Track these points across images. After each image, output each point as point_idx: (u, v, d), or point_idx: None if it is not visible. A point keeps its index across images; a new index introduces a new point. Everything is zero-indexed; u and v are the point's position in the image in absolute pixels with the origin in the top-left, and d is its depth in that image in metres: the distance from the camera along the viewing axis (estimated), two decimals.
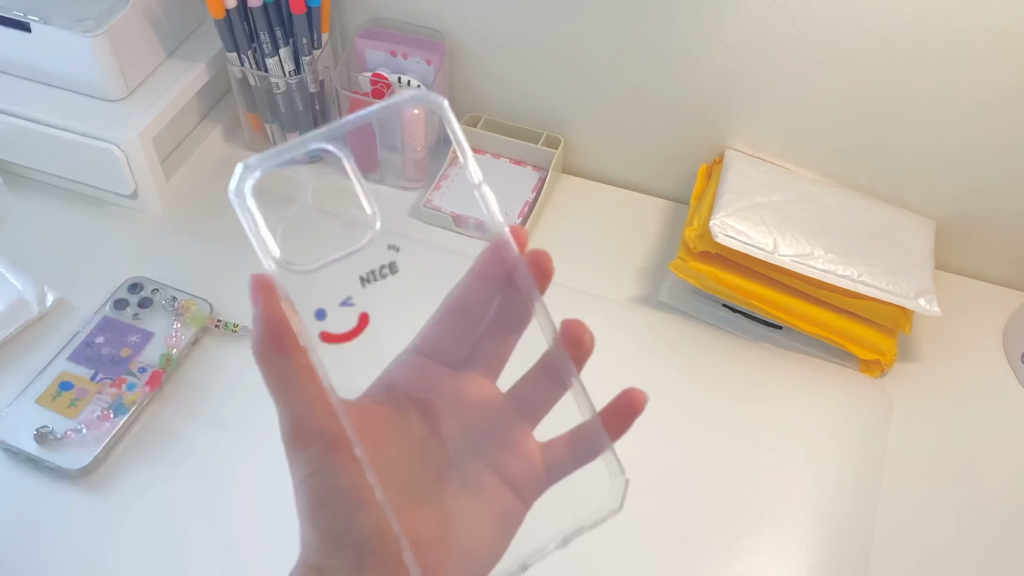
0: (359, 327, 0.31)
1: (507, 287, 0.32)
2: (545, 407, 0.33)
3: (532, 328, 0.33)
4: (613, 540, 0.62)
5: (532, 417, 0.33)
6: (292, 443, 0.30)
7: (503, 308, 0.32)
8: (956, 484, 0.67)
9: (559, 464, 0.32)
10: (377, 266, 0.31)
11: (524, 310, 0.32)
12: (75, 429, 0.63)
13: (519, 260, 0.31)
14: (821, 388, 0.72)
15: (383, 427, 0.31)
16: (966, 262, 0.81)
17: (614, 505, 0.31)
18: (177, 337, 0.69)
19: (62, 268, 0.75)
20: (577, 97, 0.84)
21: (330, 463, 0.29)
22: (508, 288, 0.32)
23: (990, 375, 0.74)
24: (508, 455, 0.32)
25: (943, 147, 0.74)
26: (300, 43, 0.78)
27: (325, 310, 0.30)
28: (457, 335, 0.33)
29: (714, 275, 0.72)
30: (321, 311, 0.30)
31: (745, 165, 0.79)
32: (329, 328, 0.30)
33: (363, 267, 0.31)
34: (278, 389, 0.30)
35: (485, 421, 0.32)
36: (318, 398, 0.29)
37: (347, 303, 0.31)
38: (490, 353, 0.33)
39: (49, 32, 0.72)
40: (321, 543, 0.29)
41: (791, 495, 0.65)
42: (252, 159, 0.30)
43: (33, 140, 0.77)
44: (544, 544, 0.31)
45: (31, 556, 0.59)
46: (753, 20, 0.71)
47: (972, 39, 0.66)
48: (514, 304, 0.32)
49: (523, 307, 0.32)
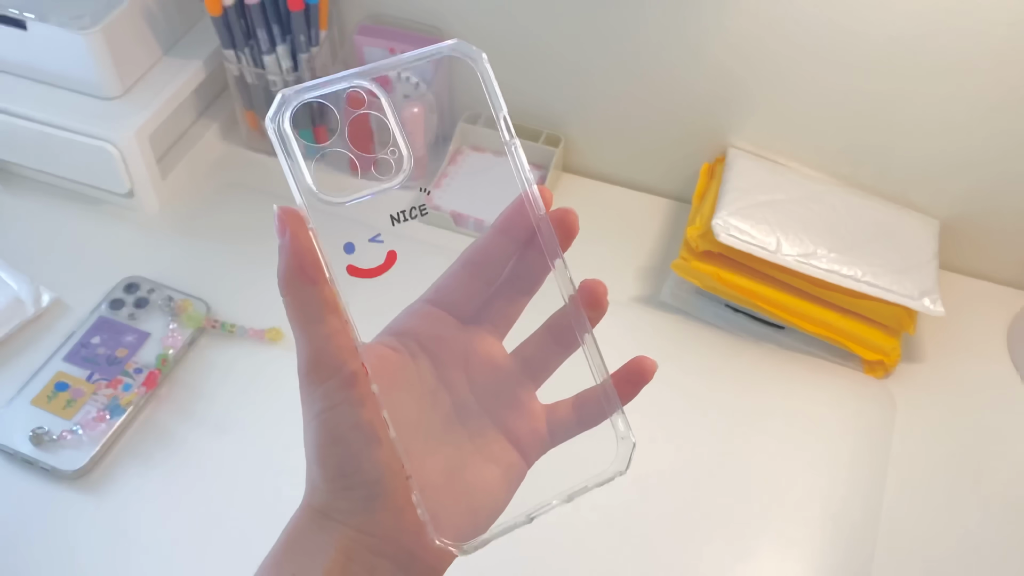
0: (386, 264, 0.31)
1: (526, 246, 0.32)
2: (550, 368, 0.33)
3: (541, 293, 0.33)
4: (615, 540, 0.61)
5: (536, 378, 0.33)
6: (309, 376, 0.29)
7: (519, 268, 0.32)
8: (960, 485, 0.66)
9: (563, 427, 0.33)
10: (408, 207, 0.31)
11: (539, 272, 0.32)
12: (71, 430, 0.63)
13: (543, 217, 0.31)
14: (824, 389, 0.71)
15: (395, 372, 0.31)
16: (970, 262, 0.81)
17: (620, 467, 0.32)
18: (173, 337, 0.69)
19: (58, 268, 0.75)
20: (578, 95, 0.83)
21: (347, 397, 0.29)
22: (527, 247, 0.32)
23: (995, 375, 0.74)
24: (513, 413, 0.32)
25: (948, 146, 0.73)
26: (297, 40, 0.78)
27: (354, 244, 0.30)
28: (472, 289, 0.33)
29: (716, 275, 0.72)
30: (350, 245, 0.30)
31: (748, 164, 0.78)
32: (356, 262, 0.30)
33: (394, 206, 0.31)
34: (300, 320, 0.29)
35: (492, 378, 0.33)
36: (339, 332, 0.29)
37: (376, 240, 0.30)
38: (500, 312, 0.33)
39: (45, 29, 0.72)
40: (329, 483, 0.30)
41: (794, 496, 0.64)
42: (290, 89, 0.30)
43: (28, 138, 0.76)
44: (549, 499, 0.31)
45: (27, 557, 0.58)
46: (756, 17, 0.71)
47: (978, 38, 0.66)
48: (530, 265, 0.32)
49: (539, 269, 0.32)
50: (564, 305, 0.32)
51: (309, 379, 0.29)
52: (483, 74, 0.31)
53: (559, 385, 0.33)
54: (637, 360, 0.33)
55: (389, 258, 0.31)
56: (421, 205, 0.32)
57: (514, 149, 0.31)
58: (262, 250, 0.78)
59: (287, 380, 0.30)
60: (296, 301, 0.29)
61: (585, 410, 0.32)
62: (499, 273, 0.33)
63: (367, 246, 0.30)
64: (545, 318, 0.33)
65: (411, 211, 0.31)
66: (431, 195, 0.32)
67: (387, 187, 0.31)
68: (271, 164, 0.86)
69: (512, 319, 0.33)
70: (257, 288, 0.73)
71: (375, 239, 0.31)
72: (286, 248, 0.29)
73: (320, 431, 0.29)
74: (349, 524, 0.29)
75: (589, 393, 0.32)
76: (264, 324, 0.70)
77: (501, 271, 0.33)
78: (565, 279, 0.32)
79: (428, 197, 0.33)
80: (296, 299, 0.29)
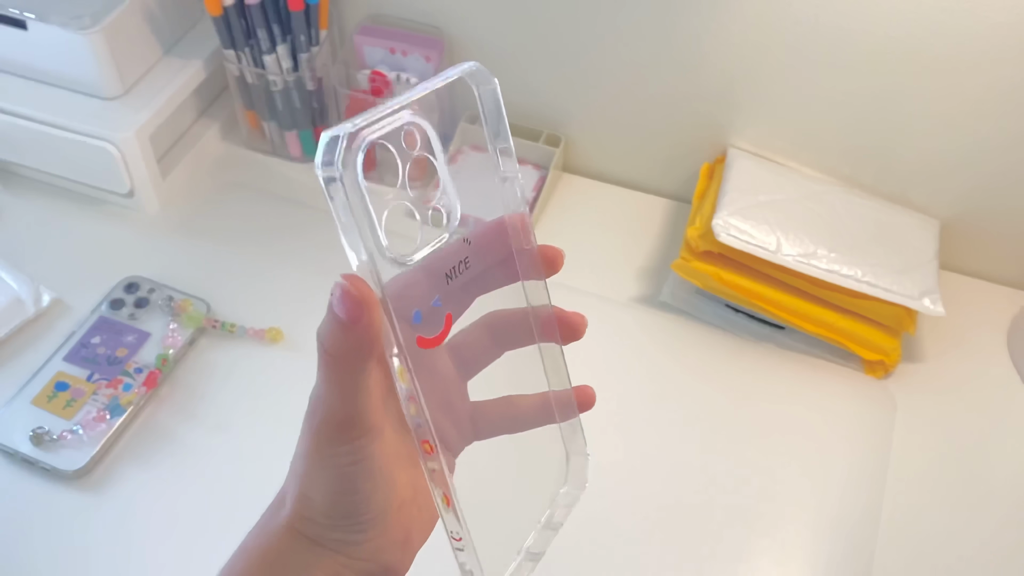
0: (446, 330, 0.28)
1: (496, 265, 0.31)
2: (481, 366, 0.33)
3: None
4: (614, 542, 0.61)
5: (468, 373, 0.32)
6: (340, 435, 0.28)
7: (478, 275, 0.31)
8: (961, 486, 0.66)
9: (488, 425, 0.32)
10: (456, 261, 0.28)
11: (498, 282, 0.31)
12: (71, 430, 0.63)
13: (531, 249, 0.30)
14: (824, 389, 0.71)
15: None
16: (971, 262, 0.80)
17: (581, 485, 0.31)
18: (174, 337, 0.69)
19: (58, 267, 0.75)
20: (578, 95, 0.83)
21: (374, 452, 0.28)
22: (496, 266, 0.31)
23: (995, 375, 0.74)
24: (444, 412, 0.31)
25: (948, 146, 0.73)
26: (298, 40, 0.78)
27: (420, 312, 0.27)
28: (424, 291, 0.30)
29: (716, 275, 0.71)
30: (418, 313, 0.27)
31: (748, 163, 0.78)
32: (424, 332, 0.27)
33: (445, 262, 0.28)
34: (344, 390, 0.27)
35: (432, 383, 0.31)
36: (375, 389, 0.28)
37: (436, 303, 0.28)
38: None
39: (45, 29, 0.72)
40: (330, 520, 0.29)
41: (793, 497, 0.64)
42: (343, 128, 0.24)
43: (29, 138, 0.76)
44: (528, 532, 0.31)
45: (27, 557, 0.58)
46: (756, 17, 0.71)
47: (977, 37, 0.66)
48: (493, 276, 0.31)
49: (498, 280, 0.31)
50: (509, 309, 0.31)
51: (339, 436, 0.28)
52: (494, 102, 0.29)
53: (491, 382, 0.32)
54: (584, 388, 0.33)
55: (447, 323, 0.28)
56: (465, 258, 0.28)
57: (515, 184, 0.29)
58: (262, 250, 0.79)
59: (287, 380, 0.30)
60: (347, 377, 0.27)
61: (524, 413, 0.32)
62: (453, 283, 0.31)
63: (430, 311, 0.27)
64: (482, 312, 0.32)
65: (459, 266, 0.28)
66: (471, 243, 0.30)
67: (442, 239, 0.27)
68: (271, 164, 0.86)
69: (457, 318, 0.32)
70: (257, 288, 0.73)
71: (436, 303, 0.27)
72: (354, 331, 0.26)
73: (341, 481, 0.28)
74: (340, 551, 0.29)
75: (532, 398, 0.32)
76: (264, 324, 0.70)
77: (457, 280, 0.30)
78: (542, 295, 0.30)
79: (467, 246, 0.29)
80: (347, 375, 0.27)
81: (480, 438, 0.33)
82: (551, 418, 0.32)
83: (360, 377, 0.27)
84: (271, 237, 0.78)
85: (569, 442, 0.32)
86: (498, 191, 0.29)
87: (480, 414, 0.33)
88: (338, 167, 0.23)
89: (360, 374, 0.27)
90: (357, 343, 0.26)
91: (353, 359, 0.26)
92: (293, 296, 0.72)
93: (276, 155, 0.87)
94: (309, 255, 0.75)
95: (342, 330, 0.26)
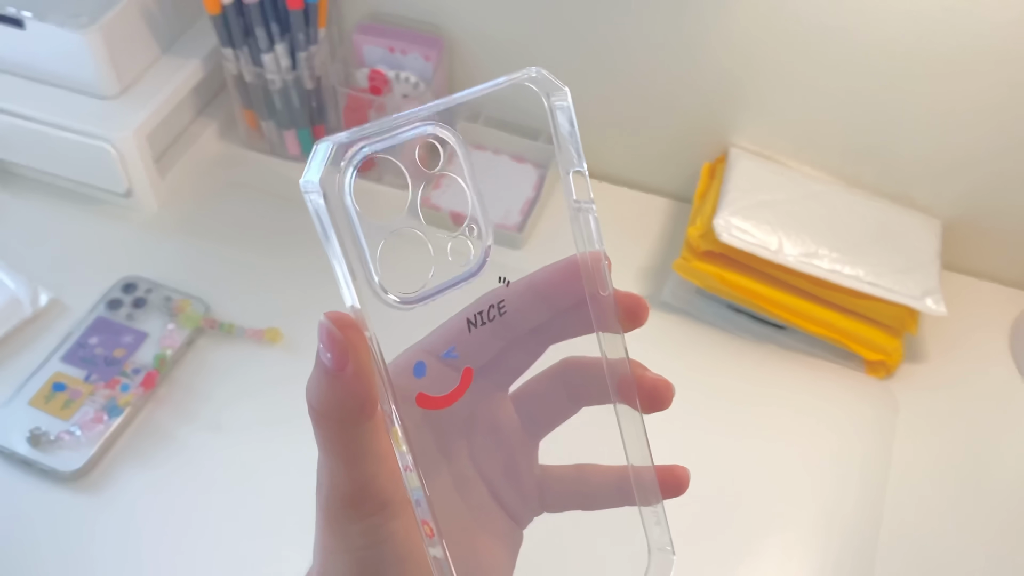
0: (462, 387, 0.24)
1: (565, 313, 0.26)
2: (553, 425, 0.28)
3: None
4: None
5: (538, 433, 0.28)
6: (347, 513, 0.24)
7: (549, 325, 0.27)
8: (963, 486, 0.66)
9: (560, 499, 0.28)
10: (486, 306, 0.23)
11: (572, 332, 0.27)
12: (69, 431, 0.62)
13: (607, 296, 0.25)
14: (826, 390, 0.71)
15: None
16: (973, 262, 0.80)
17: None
18: (171, 337, 0.68)
19: (55, 267, 0.74)
20: (578, 94, 0.82)
21: (392, 532, 0.24)
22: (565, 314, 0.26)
23: (997, 376, 0.73)
24: (511, 478, 0.28)
25: (950, 145, 0.73)
26: (296, 39, 0.77)
27: (425, 364, 0.23)
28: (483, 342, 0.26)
29: (718, 275, 0.71)
30: (420, 365, 0.23)
31: (749, 163, 0.78)
32: (428, 389, 0.23)
33: (460, 300, 0.23)
34: (344, 456, 0.23)
35: (494, 441, 0.27)
36: (386, 460, 0.24)
37: (450, 354, 0.23)
38: (512, 363, 0.27)
39: (43, 28, 0.71)
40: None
41: (795, 498, 0.64)
42: (339, 137, 0.20)
43: (26, 138, 0.76)
44: None
45: (26, 558, 0.58)
46: (757, 16, 0.71)
47: (980, 36, 0.65)
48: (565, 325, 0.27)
49: (571, 330, 0.27)
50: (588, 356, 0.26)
51: (347, 515, 0.24)
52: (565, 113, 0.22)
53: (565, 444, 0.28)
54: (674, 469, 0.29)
55: (464, 379, 0.24)
56: (500, 302, 0.24)
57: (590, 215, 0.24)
58: (261, 250, 0.78)
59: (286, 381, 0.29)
60: (344, 439, 0.23)
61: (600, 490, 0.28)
62: (519, 332, 0.26)
63: (439, 365, 0.23)
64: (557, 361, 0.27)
65: (490, 311, 0.23)
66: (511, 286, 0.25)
67: (464, 277, 0.23)
68: (270, 163, 0.86)
69: (524, 369, 0.28)
70: (256, 288, 0.73)
71: (449, 354, 0.23)
72: (336, 380, 0.22)
73: (358, 568, 0.25)
74: None
75: (609, 471, 0.27)
76: (263, 324, 0.69)
77: (522, 331, 0.26)
78: (619, 352, 0.26)
79: (504, 289, 0.24)
80: (343, 437, 0.23)
81: (548, 510, 0.28)
82: (629, 499, 0.27)
83: (362, 439, 0.23)
84: (270, 237, 0.78)
85: (651, 533, 0.26)
86: (568, 223, 0.24)
87: (549, 482, 0.28)
88: (317, 184, 0.19)
89: (361, 436, 0.23)
90: (345, 395, 0.22)
91: (346, 417, 0.23)
92: (292, 296, 0.72)
93: (275, 154, 0.86)
94: (309, 255, 0.74)
95: (327, 381, 0.22)
